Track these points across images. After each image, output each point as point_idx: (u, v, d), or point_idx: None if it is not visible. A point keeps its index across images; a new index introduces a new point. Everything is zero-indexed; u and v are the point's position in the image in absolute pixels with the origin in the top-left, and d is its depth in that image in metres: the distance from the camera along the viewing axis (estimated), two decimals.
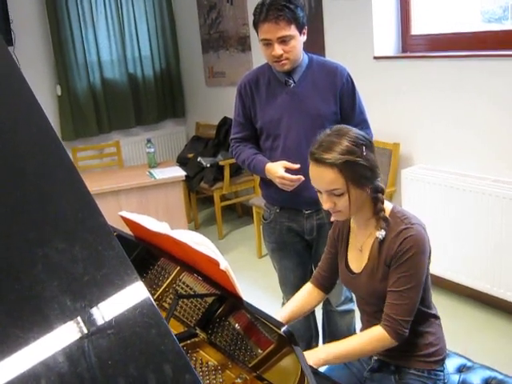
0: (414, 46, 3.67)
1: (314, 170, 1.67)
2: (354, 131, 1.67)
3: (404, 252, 1.62)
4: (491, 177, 3.14)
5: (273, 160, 2.34)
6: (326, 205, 1.68)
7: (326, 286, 1.95)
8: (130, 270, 0.98)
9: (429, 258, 1.70)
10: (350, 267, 1.82)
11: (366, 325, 1.85)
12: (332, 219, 1.80)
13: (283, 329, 1.25)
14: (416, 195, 3.40)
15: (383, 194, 1.71)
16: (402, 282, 1.63)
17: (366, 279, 1.75)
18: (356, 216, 1.77)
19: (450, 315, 3.25)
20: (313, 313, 2.72)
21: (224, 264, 1.34)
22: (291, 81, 2.35)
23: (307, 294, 1.94)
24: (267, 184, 2.42)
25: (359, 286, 1.79)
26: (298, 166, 2.22)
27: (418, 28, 3.69)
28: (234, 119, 2.52)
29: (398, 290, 1.63)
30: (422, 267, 1.64)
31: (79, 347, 0.86)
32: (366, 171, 1.63)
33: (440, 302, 3.34)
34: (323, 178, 1.64)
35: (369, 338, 1.66)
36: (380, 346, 1.66)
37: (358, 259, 1.80)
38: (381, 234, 1.68)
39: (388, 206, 1.74)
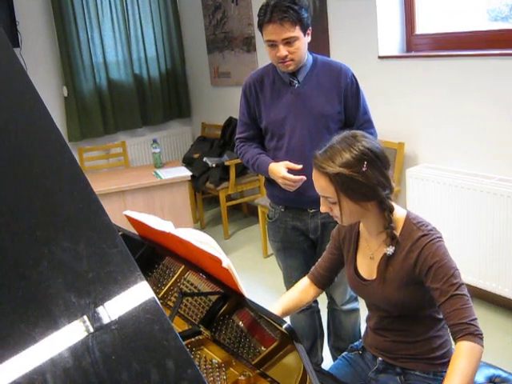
0: (418, 45, 3.67)
1: (313, 174, 1.68)
2: (365, 143, 1.61)
3: (431, 258, 1.58)
4: (497, 176, 3.13)
5: (277, 160, 2.35)
6: (322, 208, 1.70)
7: (323, 283, 1.94)
8: (134, 267, 0.99)
9: None
10: (360, 273, 1.80)
11: (373, 330, 1.84)
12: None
13: (285, 326, 1.26)
14: (421, 194, 3.40)
15: (391, 212, 1.66)
16: (448, 286, 1.56)
17: (378, 287, 1.72)
18: (365, 224, 1.75)
19: None
20: (318, 312, 2.73)
21: (226, 262, 1.35)
22: (296, 81, 2.36)
23: (303, 290, 1.93)
24: (272, 183, 2.43)
25: (372, 293, 1.76)
26: (300, 166, 2.23)
27: (422, 27, 3.69)
28: (239, 119, 2.54)
29: (451, 295, 1.55)
30: (454, 264, 1.60)
31: (84, 343, 0.88)
32: (361, 188, 1.59)
33: None
34: (318, 184, 1.66)
35: (468, 358, 1.49)
36: (479, 358, 1.52)
37: (369, 266, 1.77)
38: (389, 250, 1.66)
39: (402, 213, 1.70)
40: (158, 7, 5.53)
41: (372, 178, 1.59)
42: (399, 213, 1.70)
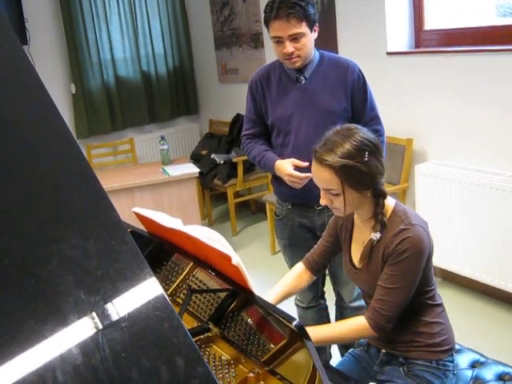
0: (427, 41, 3.65)
1: (314, 168, 1.70)
2: (362, 134, 1.66)
3: (400, 253, 1.64)
4: (506, 172, 3.11)
5: (284, 156, 2.35)
6: (322, 201, 1.73)
7: (317, 269, 2.00)
8: (143, 264, 0.99)
9: (431, 255, 1.72)
10: (354, 262, 1.85)
11: None
12: None
13: (294, 323, 1.26)
14: (429, 191, 3.39)
15: (384, 199, 1.71)
16: (392, 280, 1.65)
17: (364, 274, 1.79)
18: (358, 213, 1.80)
19: (464, 311, 3.24)
20: (326, 309, 2.73)
21: (236, 259, 1.35)
22: (302, 77, 2.36)
23: (298, 276, 1.99)
24: (279, 180, 2.42)
25: (361, 280, 1.83)
26: (306, 163, 2.23)
27: (431, 23, 3.67)
28: (246, 115, 2.53)
29: (387, 287, 1.66)
30: (415, 270, 1.66)
31: (93, 340, 0.88)
32: (364, 177, 1.64)
33: (454, 298, 3.35)
34: (321, 177, 1.68)
35: (351, 327, 1.73)
36: (360, 336, 1.75)
37: (360, 254, 1.82)
38: (375, 235, 1.71)
39: (390, 204, 1.75)
40: (166, 3, 5.53)
41: (373, 166, 1.65)
42: (389, 201, 1.75)
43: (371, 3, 3.70)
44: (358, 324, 1.71)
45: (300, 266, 2.01)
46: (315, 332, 1.71)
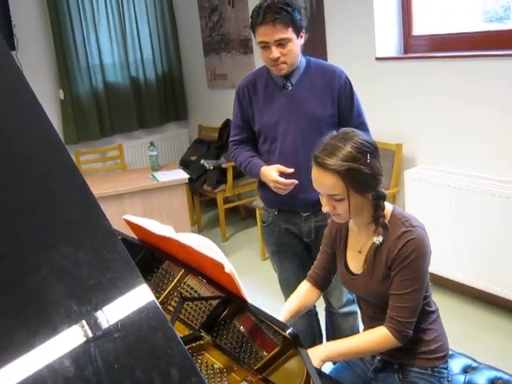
0: (415, 46, 3.67)
1: (316, 174, 1.67)
2: (361, 137, 1.66)
3: (406, 256, 1.63)
4: (495, 177, 3.13)
5: (270, 163, 2.35)
6: (325, 208, 1.70)
7: (322, 284, 1.97)
8: (135, 273, 0.98)
9: (430, 257, 1.71)
10: (350, 268, 1.83)
11: (368, 324, 1.86)
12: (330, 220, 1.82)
13: (288, 331, 1.25)
14: (419, 196, 3.40)
15: (384, 201, 1.71)
16: (405, 285, 1.64)
17: (365, 280, 1.77)
18: (356, 218, 1.78)
19: (456, 316, 3.24)
20: (316, 315, 2.72)
21: (229, 267, 1.34)
22: (289, 84, 2.35)
23: (305, 293, 1.95)
24: (265, 187, 2.41)
25: (359, 286, 1.81)
26: (291, 170, 2.23)
27: (419, 28, 3.69)
28: (233, 121, 2.53)
29: (402, 293, 1.64)
30: (423, 270, 1.66)
31: (85, 351, 0.86)
32: (368, 179, 1.63)
33: (444, 303, 3.35)
34: (324, 183, 1.65)
35: (374, 338, 1.68)
36: (384, 347, 1.68)
37: (357, 260, 1.81)
38: (378, 239, 1.70)
39: (388, 208, 1.74)
40: (154, 9, 5.52)
41: (375, 167, 1.64)
42: (387, 205, 1.74)
43: (360, 9, 3.71)
44: (380, 336, 1.67)
45: (306, 285, 1.97)
46: (334, 347, 1.70)
